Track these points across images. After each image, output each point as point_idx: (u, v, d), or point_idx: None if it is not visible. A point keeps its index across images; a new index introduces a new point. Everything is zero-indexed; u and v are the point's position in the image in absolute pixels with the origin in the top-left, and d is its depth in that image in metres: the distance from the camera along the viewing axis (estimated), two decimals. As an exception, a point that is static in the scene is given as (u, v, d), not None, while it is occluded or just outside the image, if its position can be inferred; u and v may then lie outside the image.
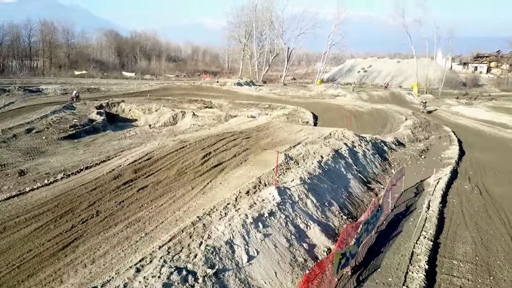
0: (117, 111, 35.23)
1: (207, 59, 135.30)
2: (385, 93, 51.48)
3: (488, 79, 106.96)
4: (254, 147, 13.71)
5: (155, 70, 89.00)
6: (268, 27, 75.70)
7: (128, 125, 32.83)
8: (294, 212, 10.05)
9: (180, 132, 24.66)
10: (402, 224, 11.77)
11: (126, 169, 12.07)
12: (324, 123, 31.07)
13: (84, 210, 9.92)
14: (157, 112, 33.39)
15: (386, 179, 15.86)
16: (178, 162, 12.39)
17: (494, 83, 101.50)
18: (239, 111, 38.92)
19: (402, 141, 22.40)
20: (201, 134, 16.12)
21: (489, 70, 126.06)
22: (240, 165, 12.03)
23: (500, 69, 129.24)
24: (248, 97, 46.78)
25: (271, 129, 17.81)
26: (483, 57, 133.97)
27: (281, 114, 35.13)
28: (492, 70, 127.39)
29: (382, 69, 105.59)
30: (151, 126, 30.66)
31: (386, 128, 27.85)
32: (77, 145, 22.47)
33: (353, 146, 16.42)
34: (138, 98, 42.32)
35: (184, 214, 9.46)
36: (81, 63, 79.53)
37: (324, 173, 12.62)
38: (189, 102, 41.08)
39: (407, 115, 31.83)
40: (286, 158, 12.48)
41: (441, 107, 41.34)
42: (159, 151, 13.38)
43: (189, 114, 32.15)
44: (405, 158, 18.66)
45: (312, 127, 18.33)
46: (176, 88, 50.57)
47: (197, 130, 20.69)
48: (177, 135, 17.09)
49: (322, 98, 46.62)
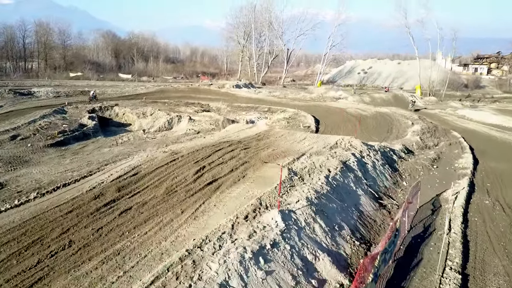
0: (110, 115, 33.80)
1: (205, 60, 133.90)
2: (387, 95, 50.15)
3: (490, 81, 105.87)
4: (253, 160, 12.28)
5: (153, 71, 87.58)
6: (267, 28, 74.37)
7: (121, 130, 31.39)
8: (301, 241, 8.63)
9: (175, 139, 23.24)
10: (422, 250, 10.37)
11: (109, 186, 10.65)
12: (327, 128, 29.70)
13: (55, 239, 8.48)
14: (151, 116, 31.97)
15: (398, 193, 14.47)
16: (168, 178, 10.96)
17: (496, 85, 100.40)
18: (237, 114, 37.53)
19: (411, 148, 21.01)
20: (195, 144, 14.69)
21: (490, 71, 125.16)
22: (237, 182, 10.60)
23: (501, 70, 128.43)
24: (247, 100, 45.39)
25: (272, 137, 16.36)
26: (483, 58, 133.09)
27: (281, 118, 33.74)
28: (493, 72, 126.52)
29: (382, 71, 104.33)
30: (145, 131, 29.25)
31: (392, 133, 26.46)
32: (65, 153, 21.04)
33: (361, 156, 15.02)
34: (133, 101, 40.89)
35: (172, 246, 8.03)
36: (77, 64, 78.11)
37: (333, 190, 11.21)
38: (186, 105, 39.68)
39: (413, 119, 30.44)
40: (289, 173, 11.08)
41: (446, 111, 40.02)
42: (148, 165, 11.96)
43: (185, 119, 30.72)
44: (417, 168, 17.26)
45: (317, 136, 16.89)
46: (173, 91, 49.16)
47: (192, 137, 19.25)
48: (169, 145, 15.59)
49: (323, 100, 45.24)
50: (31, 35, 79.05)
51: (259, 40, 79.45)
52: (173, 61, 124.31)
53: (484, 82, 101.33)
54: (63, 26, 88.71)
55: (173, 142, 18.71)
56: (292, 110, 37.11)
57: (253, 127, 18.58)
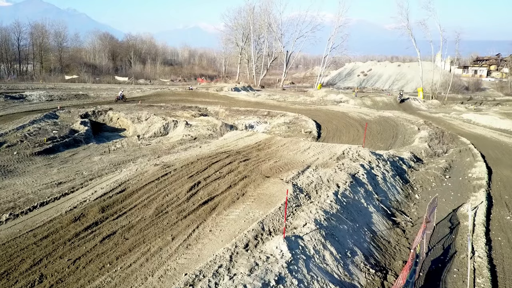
0: (104, 120, 32.60)
1: (204, 63, 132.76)
2: (389, 98, 49.05)
3: (490, 83, 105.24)
4: (254, 174, 11.07)
5: (150, 74, 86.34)
6: (266, 30, 73.30)
7: (115, 136, 30.19)
8: (310, 273, 7.43)
9: (170, 147, 22.06)
10: (444, 278, 9.18)
11: (91, 206, 9.44)
12: (329, 134, 28.55)
13: (25, 273, 7.27)
14: (147, 121, 30.78)
15: (411, 207, 13.30)
16: (158, 196, 9.76)
17: (497, 87, 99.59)
18: (236, 119, 36.39)
19: (419, 156, 19.86)
20: (189, 155, 13.46)
21: (489, 73, 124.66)
22: (236, 201, 9.38)
23: (500, 72, 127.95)
24: (245, 104, 44.21)
25: (273, 147, 15.14)
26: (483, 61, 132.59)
27: (282, 122, 32.59)
28: (492, 74, 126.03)
29: (382, 73, 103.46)
30: (140, 137, 28.03)
31: (398, 139, 25.32)
32: (53, 161, 19.84)
33: (370, 168, 13.84)
34: (128, 105, 39.69)
35: (159, 283, 6.82)
36: (73, 67, 76.87)
37: (343, 209, 10.03)
38: (182, 109, 38.47)
39: (418, 124, 29.31)
40: (295, 190, 9.90)
41: (451, 115, 38.90)
42: (137, 180, 10.75)
43: (182, 124, 29.53)
44: (428, 179, 16.10)
45: (322, 145, 15.68)
46: (170, 94, 47.98)
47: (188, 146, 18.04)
48: (161, 157, 14.30)
49: (324, 104, 44.11)
50: (26, 37, 77.85)
51: (258, 42, 78.44)
52: (171, 64, 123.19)
53: (485, 85, 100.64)
54: (59, 28, 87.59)
55: (166, 152, 17.42)
56: (292, 114, 35.98)
57: (253, 134, 17.32)
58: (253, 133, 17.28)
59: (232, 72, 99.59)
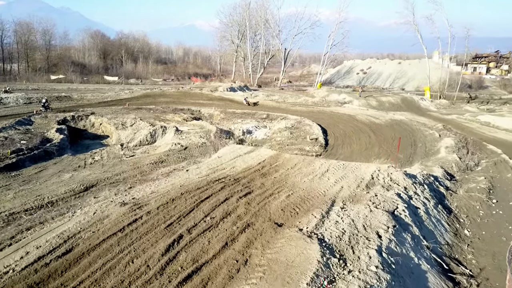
0: (85, 125, 29.16)
1: (198, 61, 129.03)
2: (396, 98, 45.95)
3: (492, 81, 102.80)
4: (260, 220, 7.70)
5: (142, 73, 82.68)
6: (263, 26, 69.89)
7: (96, 144, 26.78)
8: None
9: (154, 162, 18.74)
10: None
11: (14, 283, 6.18)
12: (337, 140, 25.36)
13: None
14: (132, 127, 27.40)
15: (465, 251, 10.13)
16: (119, 262, 6.41)
17: (500, 85, 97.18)
18: (232, 122, 33.07)
19: (450, 171, 16.73)
20: (171, 186, 10.05)
21: (488, 70, 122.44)
22: (235, 276, 5.94)
23: (500, 69, 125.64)
24: (242, 105, 40.94)
25: (281, 169, 11.74)
26: (482, 58, 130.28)
27: (283, 127, 29.37)
28: (492, 71, 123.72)
29: (382, 71, 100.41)
30: (124, 146, 24.69)
31: (418, 148, 22.12)
32: (12, 181, 16.49)
33: (409, 198, 10.63)
34: (115, 107, 36.28)
35: None
36: (61, 66, 73.05)
37: (392, 277, 6.80)
38: (173, 112, 35.12)
39: (437, 130, 26.16)
40: (323, 253, 6.65)
41: (465, 116, 35.80)
42: (91, 233, 7.40)
43: (171, 130, 26.20)
44: (473, 205, 12.92)
45: (343, 165, 12.34)
46: (161, 95, 44.52)
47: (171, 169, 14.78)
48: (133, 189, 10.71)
49: (327, 105, 40.91)
50: (10, 34, 73.88)
51: (254, 39, 75.02)
52: (165, 62, 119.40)
53: (487, 82, 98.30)
54: (48, 25, 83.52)
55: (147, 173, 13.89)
56: (294, 117, 32.76)
57: (254, 151, 13.88)
58: (254, 148, 13.86)
59: (228, 71, 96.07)
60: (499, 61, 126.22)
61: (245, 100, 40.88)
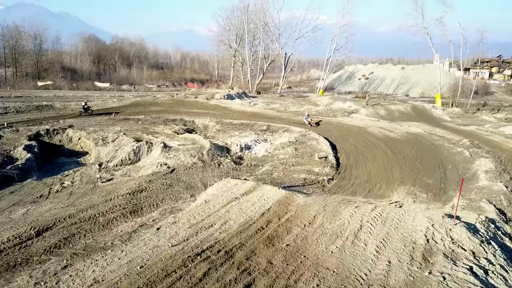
0: (61, 140, 25.65)
1: (195, 66, 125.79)
2: (406, 107, 42.64)
3: (497, 86, 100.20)
4: None
5: (136, 79, 79.28)
6: (262, 30, 66.65)
7: (72, 162, 23.26)
8: None
9: (130, 192, 15.30)
10: None
11: None
12: (349, 159, 21.94)
13: None
14: (114, 143, 23.90)
15: None
16: None
17: (505, 90, 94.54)
18: (229, 135, 29.63)
19: (500, 206, 13.31)
20: (127, 269, 6.46)
21: (491, 75, 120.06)
22: None
23: (503, 74, 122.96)
24: (240, 115, 37.55)
25: (296, 226, 7.88)
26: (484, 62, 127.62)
27: (286, 141, 25.96)
28: (494, 76, 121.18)
29: (385, 76, 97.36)
30: (102, 167, 21.20)
31: (449, 171, 18.64)
32: None
33: (484, 272, 7.21)
34: (99, 118, 32.79)
35: None
36: (51, 71, 69.61)
37: None
38: (164, 124, 31.66)
39: (464, 146, 22.72)
40: None
41: (486, 128, 32.40)
42: None
43: (158, 147, 22.75)
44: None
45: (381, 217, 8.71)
46: (152, 103, 41.07)
47: (133, 228, 11.36)
48: (64, 276, 6.98)
49: (333, 115, 37.52)
50: (0, 39, 70.42)
51: (252, 43, 71.71)
52: (162, 67, 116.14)
53: (492, 88, 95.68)
54: (39, 30, 79.93)
55: (92, 244, 9.65)
56: (297, 129, 29.39)
57: (254, 190, 10.33)
58: (254, 185, 10.27)
59: (226, 76, 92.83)
60: (502, 66, 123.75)
61: (305, 119, 32.65)
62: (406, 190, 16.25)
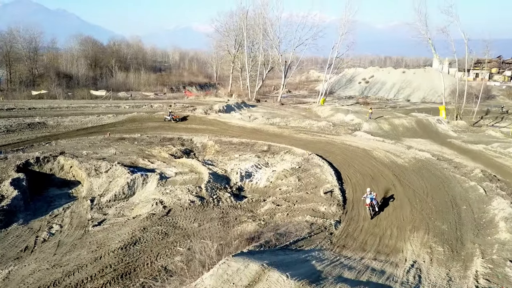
0: (52, 169, 24.28)
1: (194, 67, 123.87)
2: (410, 121, 41.47)
3: (498, 89, 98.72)
4: None
5: (133, 84, 77.71)
6: (261, 36, 65.27)
7: (62, 196, 21.95)
8: None
9: (128, 245, 14.11)
10: None
11: None
12: (356, 192, 20.80)
13: None
14: (107, 173, 22.64)
15: None
16: None
17: (507, 94, 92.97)
18: (228, 157, 28.50)
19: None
20: None
21: (491, 76, 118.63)
22: None
23: (503, 75, 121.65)
24: (240, 131, 36.35)
25: None
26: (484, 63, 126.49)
27: (288, 168, 24.78)
28: (494, 77, 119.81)
29: (386, 80, 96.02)
30: (94, 203, 20.01)
31: (464, 213, 17.41)
32: None
33: None
34: (94, 137, 31.46)
35: None
36: (46, 78, 67.91)
37: None
38: (161, 144, 30.44)
39: (477, 179, 21.52)
40: None
41: (495, 148, 31.10)
42: None
43: (153, 180, 21.55)
44: None
45: None
46: (149, 119, 39.76)
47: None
48: None
49: (336, 133, 36.30)
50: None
51: (252, 49, 70.29)
52: (159, 69, 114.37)
53: (493, 91, 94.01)
54: (35, 33, 77.70)
55: None
56: (299, 151, 28.23)
57: (260, 280, 9.05)
58: (259, 271, 9.00)
59: (225, 78, 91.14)
60: (502, 67, 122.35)
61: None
62: (419, 240, 15.11)
